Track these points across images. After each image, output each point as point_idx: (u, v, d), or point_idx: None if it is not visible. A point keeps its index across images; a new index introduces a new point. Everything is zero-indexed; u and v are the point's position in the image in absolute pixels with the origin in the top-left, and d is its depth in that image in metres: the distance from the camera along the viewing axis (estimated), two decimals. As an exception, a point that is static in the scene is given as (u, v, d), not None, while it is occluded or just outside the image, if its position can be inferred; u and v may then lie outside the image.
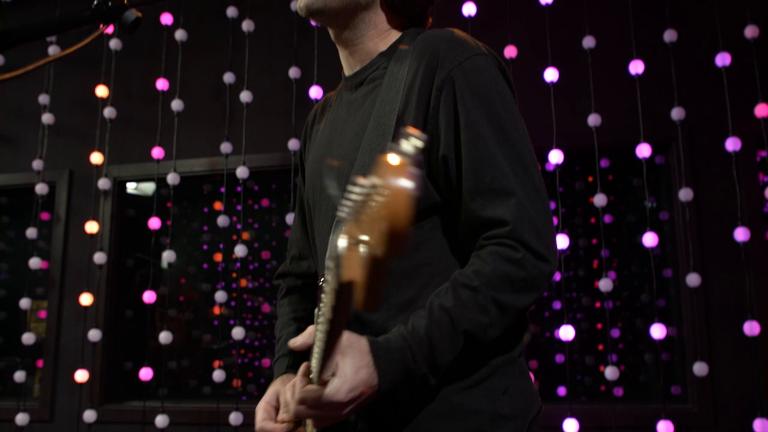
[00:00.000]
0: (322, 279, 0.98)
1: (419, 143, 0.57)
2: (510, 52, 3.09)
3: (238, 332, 3.09)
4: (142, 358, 3.45)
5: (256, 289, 4.32)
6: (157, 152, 3.39)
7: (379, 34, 1.37)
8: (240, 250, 3.15)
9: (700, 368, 2.75)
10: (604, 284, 2.86)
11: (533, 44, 3.15)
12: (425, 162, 1.20)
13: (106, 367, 3.46)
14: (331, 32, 1.41)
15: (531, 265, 1.11)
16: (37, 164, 3.56)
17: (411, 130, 0.60)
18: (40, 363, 3.67)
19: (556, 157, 2.97)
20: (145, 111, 3.56)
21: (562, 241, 2.90)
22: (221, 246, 3.32)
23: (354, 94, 1.38)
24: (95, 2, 0.87)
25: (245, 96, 3.29)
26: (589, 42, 3.03)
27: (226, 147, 3.31)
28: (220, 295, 3.13)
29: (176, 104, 3.37)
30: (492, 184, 1.14)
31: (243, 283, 4.24)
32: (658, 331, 2.81)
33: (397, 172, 0.52)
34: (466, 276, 1.11)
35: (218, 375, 3.10)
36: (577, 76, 3.09)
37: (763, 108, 2.85)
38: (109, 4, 0.87)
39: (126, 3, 0.89)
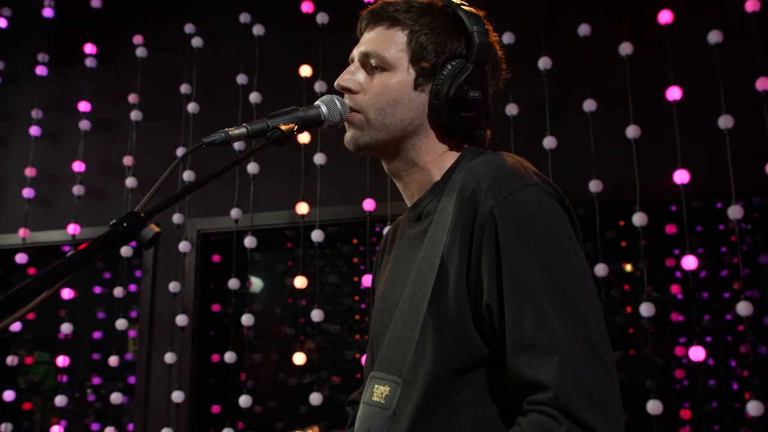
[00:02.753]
0: None
1: None
2: (590, 106, 2.96)
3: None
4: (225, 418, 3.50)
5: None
6: (235, 212, 3.42)
7: (433, 160, 1.29)
8: (316, 315, 3.15)
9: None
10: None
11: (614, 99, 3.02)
12: (472, 309, 1.11)
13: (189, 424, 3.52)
14: (383, 164, 1.36)
15: None
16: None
17: None
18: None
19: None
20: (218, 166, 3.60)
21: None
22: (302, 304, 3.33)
23: (414, 229, 1.30)
24: (110, 226, 0.85)
25: (319, 158, 3.30)
26: (673, 94, 2.87)
27: (301, 207, 3.32)
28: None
29: (252, 167, 3.40)
30: (534, 339, 1.01)
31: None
32: None
33: None
34: None
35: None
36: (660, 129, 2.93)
37: None
38: (124, 225, 0.85)
39: (143, 216, 0.87)
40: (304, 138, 3.35)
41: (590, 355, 1.00)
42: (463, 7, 1.27)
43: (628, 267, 3.71)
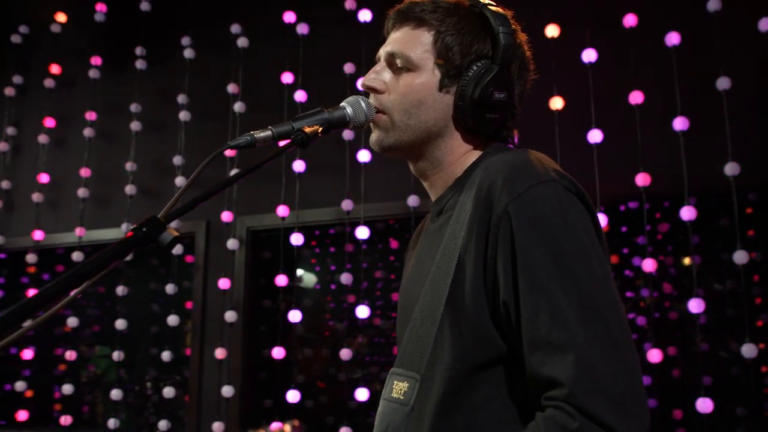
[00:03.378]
0: None
1: None
2: (636, 98, 2.90)
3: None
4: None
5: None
6: (282, 210, 3.46)
7: (457, 159, 1.28)
8: (362, 311, 3.17)
9: None
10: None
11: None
12: (489, 306, 1.10)
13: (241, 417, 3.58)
14: (410, 165, 1.36)
15: None
16: (175, 223, 3.72)
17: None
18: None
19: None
20: (270, 165, 3.64)
21: None
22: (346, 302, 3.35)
23: (435, 224, 1.30)
24: (131, 230, 0.88)
25: (364, 155, 3.32)
26: (723, 84, 2.79)
27: (347, 204, 3.34)
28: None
29: (298, 165, 3.43)
30: (549, 336, 0.99)
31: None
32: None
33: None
34: None
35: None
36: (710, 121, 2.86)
37: None
38: (144, 230, 0.87)
39: (162, 221, 0.89)
40: (348, 135, 3.37)
41: (611, 352, 0.98)
42: (490, 7, 1.26)
43: (686, 260, 3.63)
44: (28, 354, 3.95)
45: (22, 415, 3.86)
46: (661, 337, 3.52)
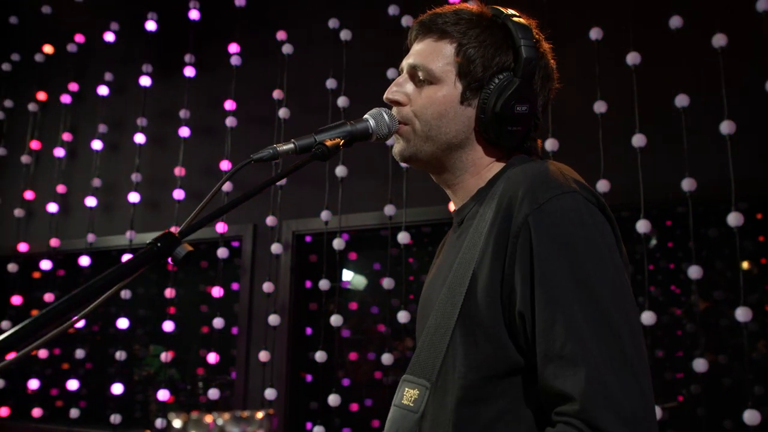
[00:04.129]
0: None
1: None
2: (682, 101, 2.84)
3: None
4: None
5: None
6: (325, 214, 3.49)
7: (479, 171, 1.28)
8: (403, 316, 3.18)
9: None
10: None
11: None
12: (506, 318, 1.10)
13: (286, 419, 3.63)
14: (432, 176, 1.36)
15: None
16: (221, 226, 3.79)
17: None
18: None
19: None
20: (315, 170, 3.68)
21: None
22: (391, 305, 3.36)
23: (456, 234, 1.31)
24: (147, 245, 0.91)
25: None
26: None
27: (389, 209, 3.35)
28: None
29: (340, 170, 3.46)
30: (563, 350, 0.99)
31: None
32: None
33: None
34: None
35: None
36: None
37: None
38: (159, 245, 0.90)
39: (177, 236, 0.92)
40: (392, 140, 3.37)
41: (623, 369, 0.97)
42: (513, 18, 1.25)
43: (745, 265, 3.54)
44: (81, 353, 4.07)
45: (74, 413, 3.98)
46: (713, 345, 3.45)
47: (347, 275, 4.25)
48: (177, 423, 0.50)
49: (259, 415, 0.60)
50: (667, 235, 3.58)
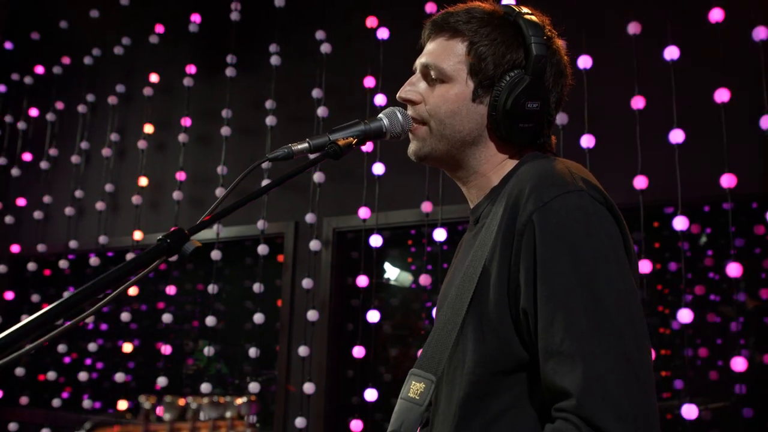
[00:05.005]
0: None
1: None
2: (721, 96, 2.79)
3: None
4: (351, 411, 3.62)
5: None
6: (363, 211, 3.53)
7: (493, 168, 1.30)
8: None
9: None
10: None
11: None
12: (512, 314, 1.12)
13: (326, 414, 3.67)
14: (448, 173, 1.38)
15: None
16: (261, 223, 3.85)
17: None
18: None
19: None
20: (355, 168, 3.72)
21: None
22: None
23: (471, 233, 1.33)
24: (157, 241, 0.95)
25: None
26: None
27: (426, 206, 3.37)
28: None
29: (378, 168, 3.49)
30: (562, 346, 1.00)
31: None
32: None
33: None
34: None
35: None
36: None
37: None
38: (168, 241, 0.94)
39: (187, 233, 0.96)
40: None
41: (623, 366, 0.98)
42: (524, 16, 1.26)
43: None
44: (129, 347, 4.19)
45: (122, 405, 4.10)
46: (761, 343, 3.38)
47: (391, 271, 4.27)
48: (146, 404, 0.52)
49: (239, 401, 0.62)
50: (713, 233, 3.52)
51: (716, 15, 2.87)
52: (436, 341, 1.17)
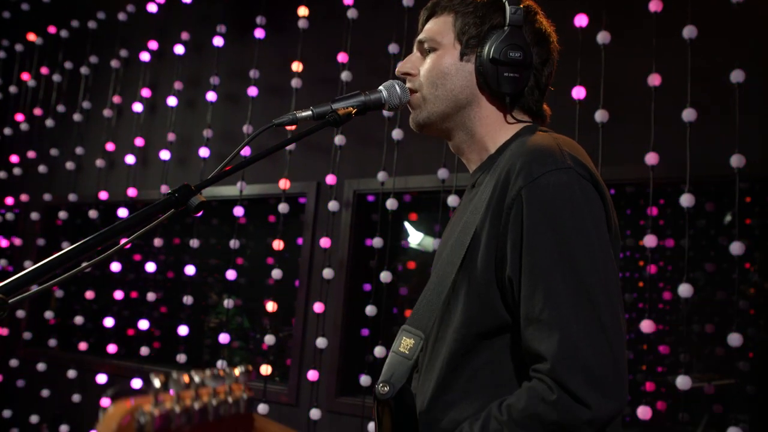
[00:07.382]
0: None
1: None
2: (737, 76, 2.81)
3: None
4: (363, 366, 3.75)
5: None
6: (381, 175, 3.61)
7: (488, 132, 1.40)
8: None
9: None
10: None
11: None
12: (498, 280, 1.22)
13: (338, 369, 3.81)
14: (448, 143, 1.47)
15: (564, 410, 1.04)
16: (283, 182, 3.95)
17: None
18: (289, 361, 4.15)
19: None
20: (377, 131, 3.80)
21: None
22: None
23: (468, 195, 1.43)
24: (165, 195, 1.05)
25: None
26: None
27: (442, 172, 3.44)
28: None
29: (396, 133, 3.57)
30: (541, 314, 1.11)
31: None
32: None
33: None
34: (500, 408, 1.11)
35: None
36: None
37: None
38: (176, 195, 1.04)
39: (193, 189, 1.06)
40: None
41: (597, 335, 1.07)
42: None
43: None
44: (152, 296, 4.35)
45: (144, 351, 4.28)
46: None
47: (414, 235, 4.36)
48: (156, 382, 0.61)
49: (237, 371, 0.73)
50: (720, 212, 3.56)
51: (737, -5, 2.88)
52: (427, 300, 1.27)
